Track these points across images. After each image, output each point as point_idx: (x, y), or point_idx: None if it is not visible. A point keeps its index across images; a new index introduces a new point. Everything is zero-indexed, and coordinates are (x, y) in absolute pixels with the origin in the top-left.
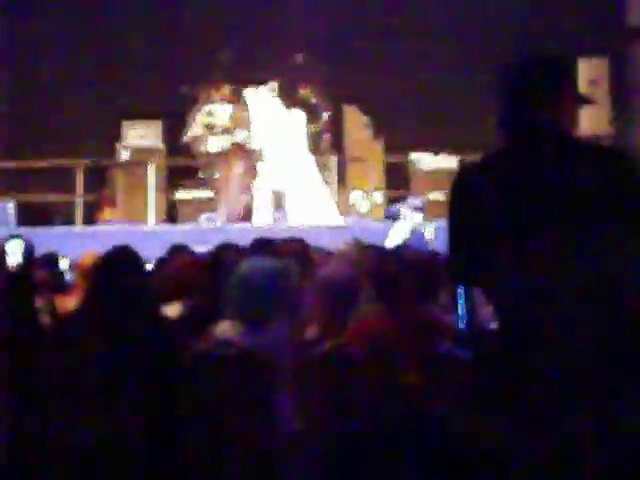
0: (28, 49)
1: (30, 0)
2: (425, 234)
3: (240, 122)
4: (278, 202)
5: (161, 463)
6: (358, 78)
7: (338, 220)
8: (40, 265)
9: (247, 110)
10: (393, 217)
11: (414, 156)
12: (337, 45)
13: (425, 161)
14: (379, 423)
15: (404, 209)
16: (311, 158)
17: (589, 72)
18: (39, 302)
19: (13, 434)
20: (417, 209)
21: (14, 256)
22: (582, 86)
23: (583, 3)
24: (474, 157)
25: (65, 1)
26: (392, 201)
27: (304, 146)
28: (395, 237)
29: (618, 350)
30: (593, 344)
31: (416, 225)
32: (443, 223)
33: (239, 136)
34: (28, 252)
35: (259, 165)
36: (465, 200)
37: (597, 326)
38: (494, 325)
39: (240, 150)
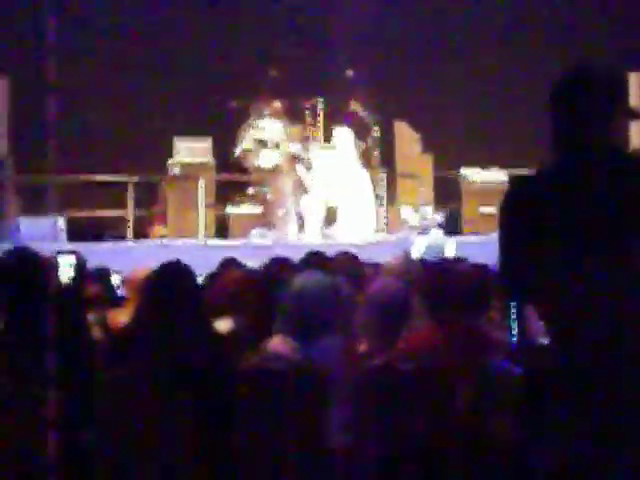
0: (79, 65)
1: (82, 13)
2: (444, 249)
3: (292, 137)
4: (331, 218)
5: (215, 477)
6: (408, 94)
7: (389, 235)
8: (92, 280)
9: (299, 125)
10: (423, 232)
11: (464, 171)
12: (387, 61)
13: (474, 176)
14: (431, 440)
15: (427, 224)
16: (364, 173)
17: (639, 86)
18: (91, 317)
19: (67, 449)
20: (438, 225)
21: (66, 271)
22: (633, 100)
23: (634, 16)
24: (522, 172)
25: (117, 18)
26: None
27: (356, 161)
28: (415, 251)
29: None
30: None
31: (435, 240)
32: (485, 238)
33: (292, 149)
34: (80, 267)
35: (310, 180)
36: (517, 214)
37: None
38: (545, 340)
39: (292, 162)
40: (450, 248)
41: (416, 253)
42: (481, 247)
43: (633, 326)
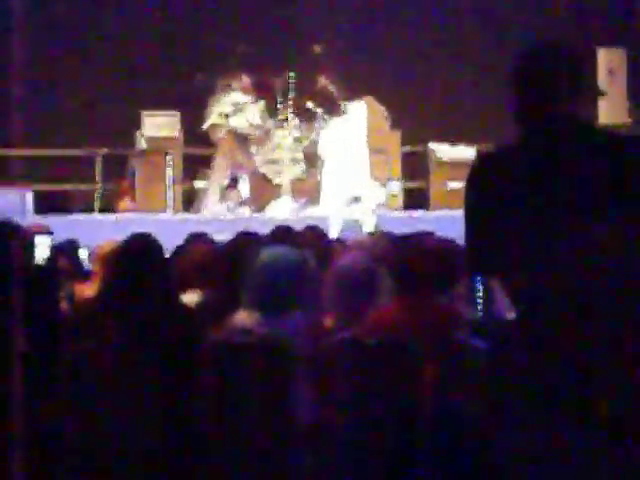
0: (46, 38)
1: None
2: (363, 225)
3: (259, 111)
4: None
5: (177, 449)
6: (376, 69)
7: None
8: (60, 253)
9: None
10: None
11: (432, 146)
12: (355, 36)
13: (443, 151)
14: (395, 412)
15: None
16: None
17: (607, 62)
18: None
19: (31, 419)
20: (353, 200)
21: (42, 249)
22: (601, 76)
23: None
24: (490, 147)
25: None
26: (410, 191)
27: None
28: (333, 228)
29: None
30: (612, 333)
31: (352, 217)
32: (458, 213)
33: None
34: (54, 246)
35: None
36: (483, 189)
37: (617, 315)
38: (511, 315)
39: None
40: (369, 223)
41: (334, 230)
42: (449, 222)
43: (598, 301)
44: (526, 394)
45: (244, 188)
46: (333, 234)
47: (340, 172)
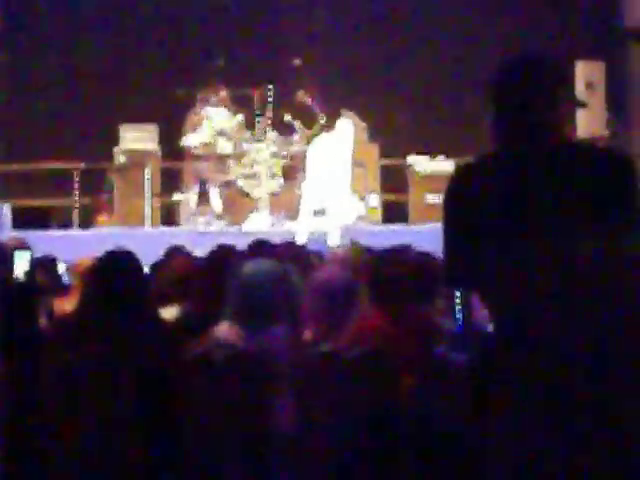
0: (24, 52)
1: (27, 4)
2: (327, 238)
3: (238, 126)
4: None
5: (159, 464)
6: (354, 82)
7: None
8: (38, 268)
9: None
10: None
11: (410, 159)
12: (333, 50)
13: (421, 164)
14: (373, 424)
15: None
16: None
17: (586, 74)
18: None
19: (10, 436)
20: (317, 213)
21: (22, 265)
22: (579, 88)
23: (580, 5)
24: (469, 160)
25: (63, 6)
26: (388, 204)
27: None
28: (300, 237)
29: (617, 351)
30: (591, 346)
31: (317, 229)
32: (437, 226)
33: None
34: (33, 261)
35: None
36: (460, 203)
37: (594, 327)
38: (490, 328)
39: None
40: (334, 236)
41: (300, 240)
42: (428, 236)
43: (574, 313)
44: (504, 406)
45: (216, 201)
46: (299, 243)
47: (312, 185)
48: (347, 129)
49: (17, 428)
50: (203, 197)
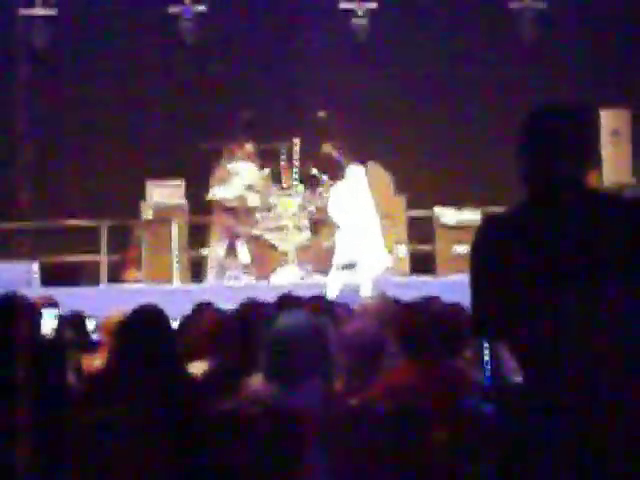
0: (52, 109)
1: (54, 60)
2: (360, 290)
3: (265, 180)
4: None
5: None
6: (381, 134)
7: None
8: (66, 325)
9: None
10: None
11: (437, 211)
12: (360, 101)
13: (448, 215)
14: (405, 478)
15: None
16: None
17: (611, 122)
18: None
19: None
20: (348, 266)
21: (49, 321)
22: (605, 136)
23: (605, 53)
24: (496, 211)
25: (88, 62)
26: (416, 255)
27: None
28: (331, 291)
29: None
30: (623, 403)
31: (348, 282)
32: (465, 277)
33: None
34: (61, 318)
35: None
36: (488, 253)
37: (626, 382)
38: (518, 379)
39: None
40: (366, 287)
41: (331, 293)
42: (455, 286)
43: (602, 364)
44: (533, 459)
45: (244, 255)
46: (330, 297)
47: (341, 236)
48: (358, 176)
49: None
50: (231, 251)
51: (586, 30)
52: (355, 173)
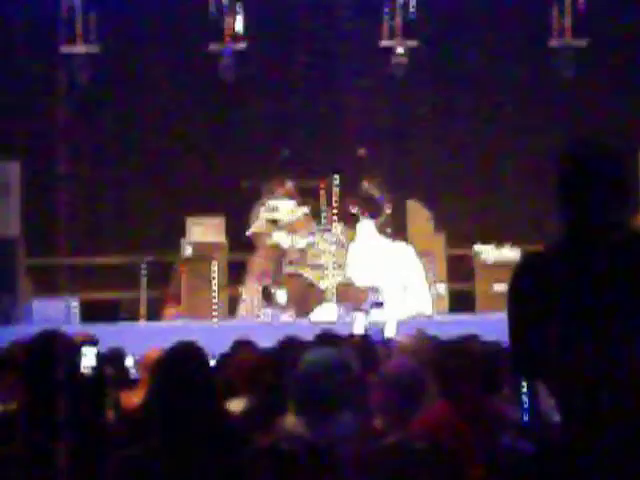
0: (89, 147)
1: (95, 97)
2: (384, 329)
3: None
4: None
5: None
6: (418, 172)
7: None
8: (106, 361)
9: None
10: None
11: (476, 248)
12: (398, 140)
13: (488, 253)
14: None
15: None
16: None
17: None
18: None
19: None
20: (376, 305)
21: (88, 359)
22: None
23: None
24: (535, 249)
25: (129, 98)
26: (455, 293)
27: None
28: (356, 329)
29: None
30: None
31: (375, 320)
32: (504, 315)
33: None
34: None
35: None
36: (525, 292)
37: None
38: (557, 418)
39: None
40: (390, 327)
41: (357, 331)
42: (495, 325)
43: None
44: None
45: (280, 296)
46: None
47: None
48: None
49: None
50: (269, 289)
51: (624, 69)
52: (366, 228)
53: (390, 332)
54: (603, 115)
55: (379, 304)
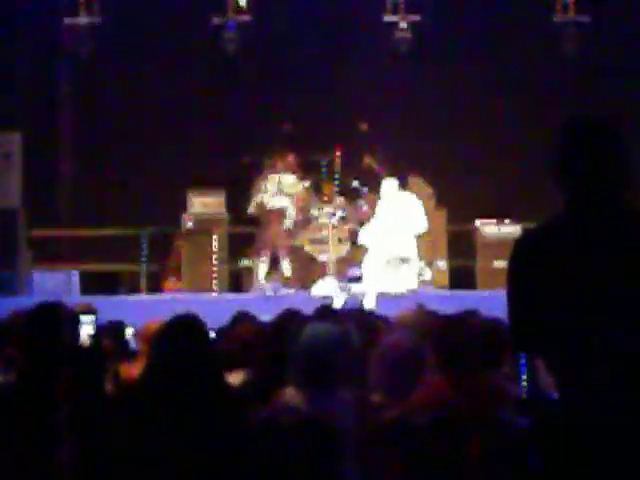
0: (92, 119)
1: (97, 68)
2: (362, 301)
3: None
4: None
5: None
6: (421, 147)
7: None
8: (105, 333)
9: (308, 180)
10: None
11: (478, 224)
12: (401, 114)
13: (489, 229)
14: None
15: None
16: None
17: None
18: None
19: None
20: (355, 279)
21: (87, 328)
22: None
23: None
24: (536, 224)
25: (131, 71)
26: (456, 269)
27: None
28: (336, 301)
29: None
30: None
31: (353, 294)
32: (504, 291)
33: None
34: (100, 326)
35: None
36: (525, 267)
37: None
38: (555, 394)
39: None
40: (369, 301)
41: (336, 303)
42: (495, 301)
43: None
44: (565, 473)
45: (285, 266)
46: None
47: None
48: (387, 190)
49: None
50: (272, 262)
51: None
52: (386, 189)
53: (369, 304)
54: (605, 89)
55: (357, 278)
